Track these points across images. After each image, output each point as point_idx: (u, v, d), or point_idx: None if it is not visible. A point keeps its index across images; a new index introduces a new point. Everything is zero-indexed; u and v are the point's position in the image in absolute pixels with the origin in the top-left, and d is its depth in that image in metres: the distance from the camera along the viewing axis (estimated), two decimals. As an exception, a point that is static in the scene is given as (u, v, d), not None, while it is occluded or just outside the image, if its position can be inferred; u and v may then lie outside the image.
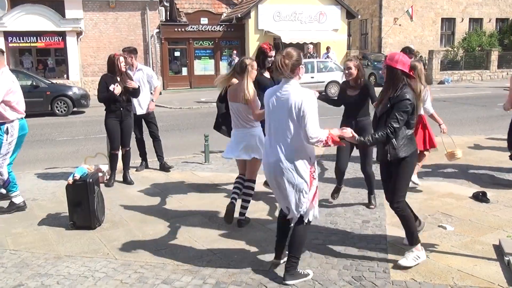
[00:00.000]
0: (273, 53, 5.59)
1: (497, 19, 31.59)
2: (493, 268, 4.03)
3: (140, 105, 7.45)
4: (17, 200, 5.80)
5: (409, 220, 4.18)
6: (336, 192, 5.89)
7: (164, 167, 7.64)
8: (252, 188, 5.21)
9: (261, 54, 5.74)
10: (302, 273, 3.91)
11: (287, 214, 3.97)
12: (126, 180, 6.91)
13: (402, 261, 4.08)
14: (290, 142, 3.69)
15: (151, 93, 7.65)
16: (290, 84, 3.72)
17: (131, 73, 7.23)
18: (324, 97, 6.05)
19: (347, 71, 5.54)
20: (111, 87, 6.48)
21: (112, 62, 6.60)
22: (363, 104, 5.54)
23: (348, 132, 3.88)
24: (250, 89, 4.86)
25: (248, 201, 5.18)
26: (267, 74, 5.79)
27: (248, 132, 5.11)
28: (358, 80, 5.49)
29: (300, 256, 3.92)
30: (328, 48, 22.91)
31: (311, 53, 21.88)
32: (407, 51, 6.70)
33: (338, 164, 5.73)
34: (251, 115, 4.98)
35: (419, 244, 4.17)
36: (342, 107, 5.81)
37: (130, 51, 7.39)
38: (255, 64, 5.05)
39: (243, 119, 5.08)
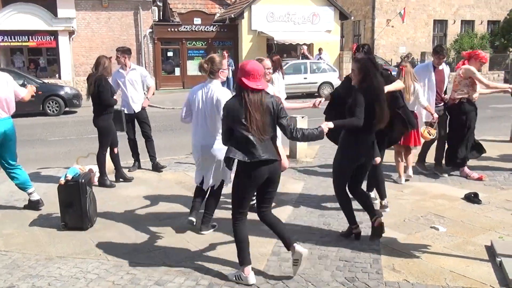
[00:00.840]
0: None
1: (488, 21, 31.80)
2: (485, 269, 4.06)
3: (133, 105, 7.45)
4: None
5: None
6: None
7: (157, 167, 7.63)
8: None
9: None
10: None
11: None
12: (125, 178, 7.00)
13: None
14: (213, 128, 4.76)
15: (145, 92, 7.69)
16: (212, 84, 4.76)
17: (124, 73, 7.28)
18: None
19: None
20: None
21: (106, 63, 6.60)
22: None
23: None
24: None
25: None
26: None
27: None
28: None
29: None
30: (320, 50, 22.96)
31: (305, 54, 21.91)
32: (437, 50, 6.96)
33: None
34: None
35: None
36: None
37: (124, 51, 7.38)
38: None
39: None
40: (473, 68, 6.69)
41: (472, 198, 5.85)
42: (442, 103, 7.06)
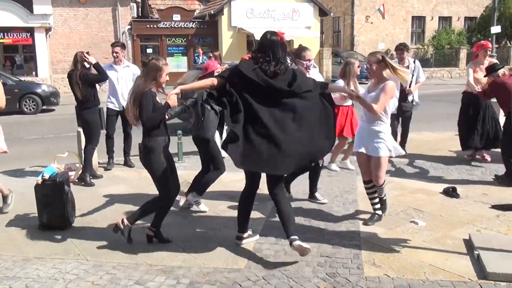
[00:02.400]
0: None
1: (465, 17, 32.28)
2: (464, 262, 4.11)
3: (123, 101, 7.34)
4: None
5: None
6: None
7: (127, 164, 7.71)
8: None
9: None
10: None
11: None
12: (95, 175, 7.00)
13: None
14: None
15: None
16: None
17: (118, 68, 7.42)
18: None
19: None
20: None
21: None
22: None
23: None
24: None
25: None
26: None
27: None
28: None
29: None
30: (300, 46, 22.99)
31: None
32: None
33: None
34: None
35: None
36: None
37: (123, 45, 7.58)
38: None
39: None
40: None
41: (451, 192, 5.92)
42: (406, 97, 7.72)
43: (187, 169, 7.39)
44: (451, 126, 11.23)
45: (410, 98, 7.77)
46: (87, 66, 6.62)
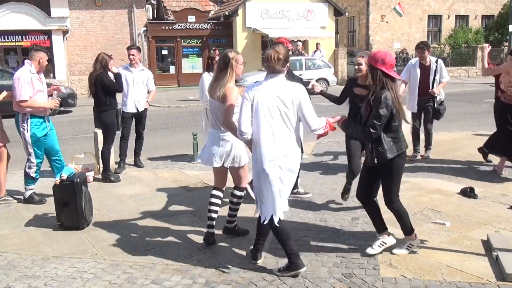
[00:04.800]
0: None
1: (483, 16, 31.86)
2: (482, 263, 4.06)
3: (138, 104, 7.54)
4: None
5: (405, 215, 4.26)
6: (346, 193, 5.59)
7: (137, 164, 7.81)
8: (240, 197, 4.71)
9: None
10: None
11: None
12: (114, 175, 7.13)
13: (396, 250, 4.30)
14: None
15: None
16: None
17: (134, 71, 7.52)
18: (326, 93, 5.89)
19: (357, 67, 5.22)
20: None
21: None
22: None
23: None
24: (228, 87, 4.19)
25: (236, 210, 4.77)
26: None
27: (221, 136, 4.39)
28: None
29: None
30: (317, 45, 22.93)
31: (300, 50, 21.88)
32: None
33: (352, 168, 5.42)
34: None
35: (413, 233, 4.31)
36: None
37: (139, 49, 7.67)
38: (240, 57, 4.33)
39: (218, 120, 4.35)
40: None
41: (468, 192, 5.85)
42: (429, 96, 7.40)
43: (202, 170, 7.43)
44: (468, 126, 11.16)
45: (438, 98, 7.44)
46: (108, 70, 6.78)
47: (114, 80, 6.82)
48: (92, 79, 6.66)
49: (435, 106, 7.48)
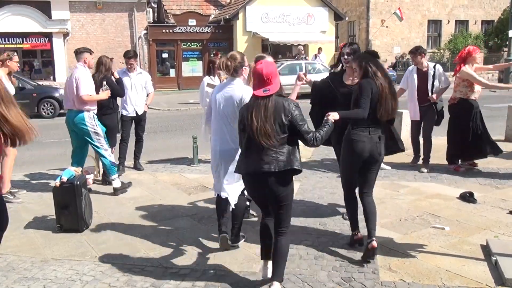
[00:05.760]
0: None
1: (482, 21, 31.92)
2: (481, 268, 4.07)
3: (137, 107, 7.55)
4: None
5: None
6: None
7: (137, 167, 7.79)
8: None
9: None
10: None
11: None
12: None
13: None
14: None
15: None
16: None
17: (132, 75, 7.49)
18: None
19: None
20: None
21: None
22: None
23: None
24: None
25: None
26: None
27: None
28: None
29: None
30: (319, 49, 22.96)
31: (301, 55, 21.93)
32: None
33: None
34: None
35: None
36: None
37: (135, 56, 7.62)
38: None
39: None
40: (469, 70, 6.91)
41: (468, 197, 5.86)
42: (429, 103, 7.20)
43: (202, 173, 7.44)
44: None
45: (439, 104, 7.25)
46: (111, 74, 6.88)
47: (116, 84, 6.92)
48: (98, 81, 6.66)
49: (437, 110, 7.27)
